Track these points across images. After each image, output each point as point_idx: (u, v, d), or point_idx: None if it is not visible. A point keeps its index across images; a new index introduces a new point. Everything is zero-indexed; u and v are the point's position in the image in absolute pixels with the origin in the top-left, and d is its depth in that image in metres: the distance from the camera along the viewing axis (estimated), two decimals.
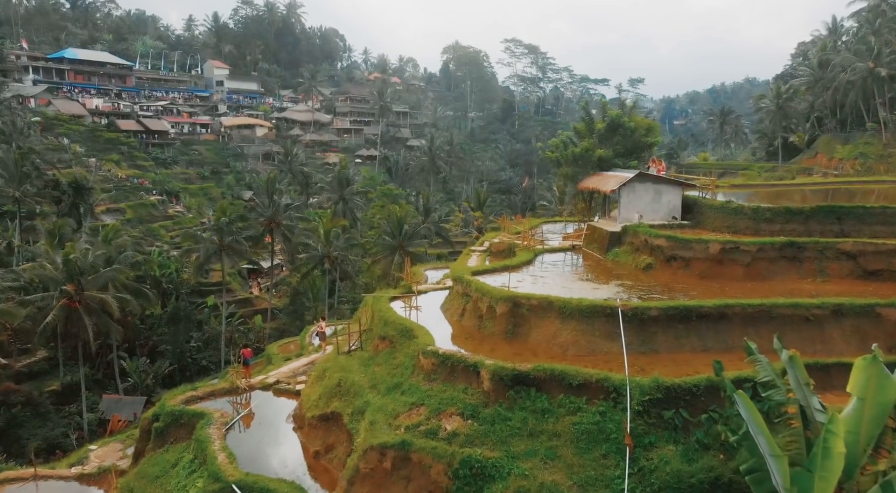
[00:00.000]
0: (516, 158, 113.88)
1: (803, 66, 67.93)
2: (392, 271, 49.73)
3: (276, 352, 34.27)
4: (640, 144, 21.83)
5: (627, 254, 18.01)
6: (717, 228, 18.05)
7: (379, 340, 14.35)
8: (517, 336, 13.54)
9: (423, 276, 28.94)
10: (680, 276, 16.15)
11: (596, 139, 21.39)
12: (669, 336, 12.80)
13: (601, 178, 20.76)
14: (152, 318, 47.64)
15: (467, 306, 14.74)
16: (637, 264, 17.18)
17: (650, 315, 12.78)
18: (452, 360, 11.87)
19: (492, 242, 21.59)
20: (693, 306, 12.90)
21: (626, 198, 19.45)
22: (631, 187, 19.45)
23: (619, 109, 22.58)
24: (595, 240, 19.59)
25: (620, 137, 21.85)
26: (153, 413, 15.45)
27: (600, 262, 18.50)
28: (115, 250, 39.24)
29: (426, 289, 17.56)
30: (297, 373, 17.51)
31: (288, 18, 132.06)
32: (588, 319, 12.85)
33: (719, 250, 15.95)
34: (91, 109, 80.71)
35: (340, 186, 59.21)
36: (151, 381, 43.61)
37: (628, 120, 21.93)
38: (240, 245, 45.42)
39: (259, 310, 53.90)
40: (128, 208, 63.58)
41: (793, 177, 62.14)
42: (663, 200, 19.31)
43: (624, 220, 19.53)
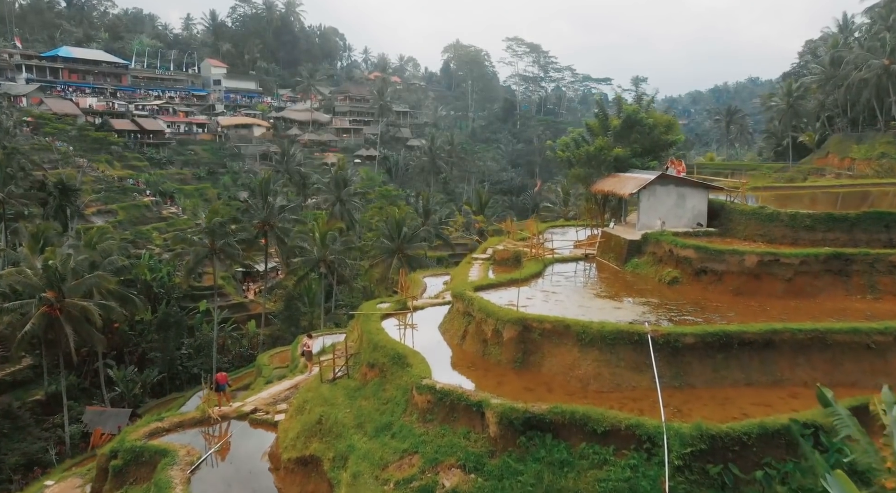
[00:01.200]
0: (518, 158, 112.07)
1: (814, 64, 65.92)
2: (390, 275, 47.93)
3: (266, 362, 32.47)
4: (660, 143, 19.92)
5: (649, 265, 16.09)
6: (749, 237, 16.16)
7: (367, 367, 12.45)
8: (528, 366, 11.68)
9: (422, 284, 27.09)
10: (711, 292, 14.27)
11: (611, 137, 19.52)
12: (707, 368, 10.92)
13: (618, 180, 18.89)
14: (142, 324, 45.86)
15: (469, 328, 12.90)
16: (661, 278, 15.28)
17: (685, 343, 10.90)
18: (452, 397, 9.98)
19: (495, 250, 19.70)
20: (735, 332, 11.00)
21: (647, 202, 17.55)
22: (652, 191, 17.55)
23: (635, 103, 20.56)
24: (611, 249, 17.66)
25: (638, 135, 19.83)
26: (111, 449, 13.59)
27: (618, 274, 16.59)
28: (100, 254, 37.42)
29: (423, 304, 15.65)
30: (277, 400, 15.63)
31: (287, 17, 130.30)
32: (612, 347, 10.97)
33: (757, 263, 14.07)
34: (84, 108, 79.05)
35: (338, 187, 57.37)
36: (140, 390, 41.86)
37: (646, 116, 20.09)
38: (232, 248, 43.58)
39: (253, 315, 52.06)
40: (120, 210, 61.79)
41: (804, 178, 60.29)
42: (687, 204, 17.40)
43: (644, 227, 17.61)
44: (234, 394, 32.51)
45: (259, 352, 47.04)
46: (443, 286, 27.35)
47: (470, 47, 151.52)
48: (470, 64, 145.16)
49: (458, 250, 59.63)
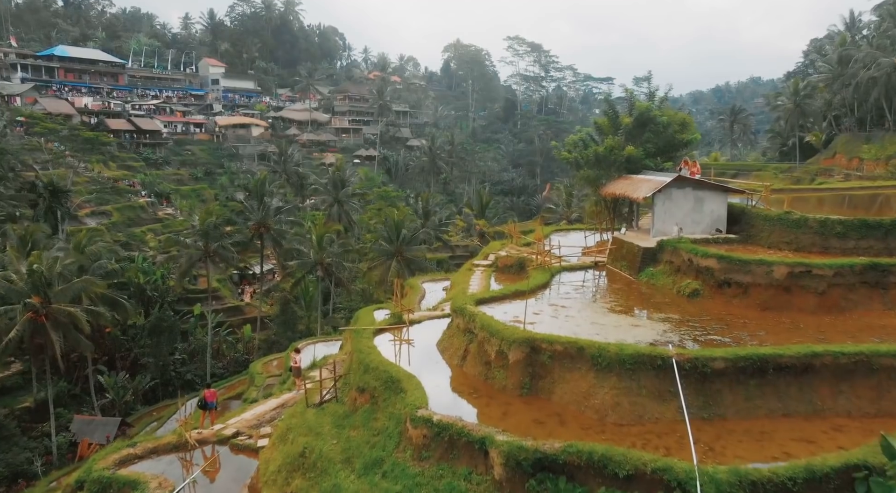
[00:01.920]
0: (519, 158, 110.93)
1: (822, 62, 64.71)
2: (389, 278, 46.74)
3: (259, 370, 31.26)
4: (674, 142, 18.58)
5: (665, 275, 14.84)
6: (774, 245, 14.91)
7: (357, 392, 11.23)
8: (537, 393, 10.43)
9: (421, 290, 25.89)
10: (736, 307, 13.03)
11: (622, 137, 18.31)
12: (739, 396, 9.70)
13: (630, 182, 17.59)
14: (135, 328, 44.71)
15: (470, 347, 11.68)
16: (679, 290, 14.04)
17: (714, 368, 9.68)
18: (451, 432, 8.76)
19: (497, 256, 18.47)
20: (769, 356, 9.77)
21: (662, 207, 16.29)
22: (667, 194, 16.24)
23: (647, 100, 19.22)
24: (624, 257, 16.40)
25: (651, 134, 18.28)
26: (77, 479, 12.40)
27: (632, 285, 15.33)
28: (89, 257, 36.21)
29: (420, 317, 14.39)
30: (261, 421, 14.41)
31: (286, 16, 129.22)
32: (632, 373, 9.74)
33: (786, 275, 12.83)
34: (80, 107, 78.01)
35: (335, 188, 56.17)
36: (131, 397, 40.70)
37: (659, 113, 18.46)
38: (227, 251, 42.41)
39: (249, 318, 50.87)
40: (114, 211, 60.65)
41: (812, 178, 59.07)
42: (705, 209, 16.15)
43: (659, 233, 16.34)
44: (226, 404, 31.42)
45: (254, 357, 45.95)
46: (442, 292, 26.16)
47: (470, 47, 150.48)
48: (470, 63, 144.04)
49: (458, 252, 58.42)
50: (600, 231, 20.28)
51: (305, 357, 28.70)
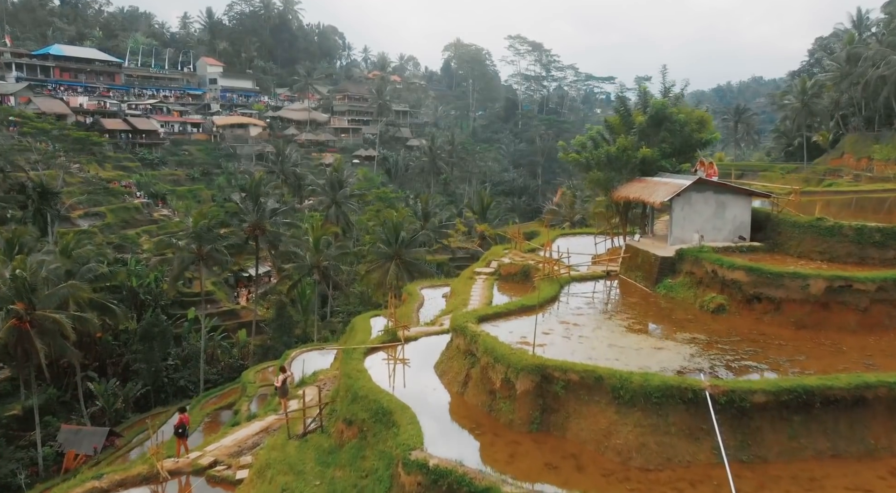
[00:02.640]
0: (520, 158, 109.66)
1: (829, 60, 63.37)
2: (388, 281, 45.51)
3: (251, 379, 30.09)
4: (691, 142, 17.01)
5: (686, 288, 13.56)
6: (805, 254, 13.64)
7: (344, 424, 9.93)
8: (549, 429, 9.13)
9: (419, 297, 24.68)
10: (768, 325, 11.76)
11: (636, 136, 17.10)
12: (782, 435, 8.44)
13: (645, 185, 16.22)
14: (127, 333, 43.53)
15: (472, 372, 10.36)
16: (702, 305, 12.76)
17: (754, 402, 8.40)
18: (450, 480, 7.46)
19: (500, 263, 17.21)
20: (816, 387, 8.49)
21: (681, 212, 14.98)
22: (686, 198, 14.90)
23: (664, 96, 17.84)
24: (639, 266, 15.12)
25: (667, 133, 16.98)
26: None
27: (648, 298, 14.05)
28: (77, 261, 34.97)
29: (417, 334, 13.07)
30: (243, 448, 13.15)
31: (285, 15, 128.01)
32: (659, 407, 8.46)
33: (824, 290, 11.56)
34: (75, 107, 76.91)
35: (333, 189, 54.93)
36: (122, 405, 39.50)
37: (676, 111, 17.22)
38: (221, 254, 41.16)
39: (245, 322, 49.64)
40: (108, 212, 59.46)
41: (820, 179, 57.78)
42: (727, 214, 14.86)
43: (677, 241, 15.05)
44: (217, 414, 30.22)
45: (249, 363, 44.72)
46: (442, 299, 24.93)
47: (471, 46, 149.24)
48: (471, 62, 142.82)
49: (458, 254, 57.16)
50: (611, 236, 18.89)
51: (298, 367, 27.51)
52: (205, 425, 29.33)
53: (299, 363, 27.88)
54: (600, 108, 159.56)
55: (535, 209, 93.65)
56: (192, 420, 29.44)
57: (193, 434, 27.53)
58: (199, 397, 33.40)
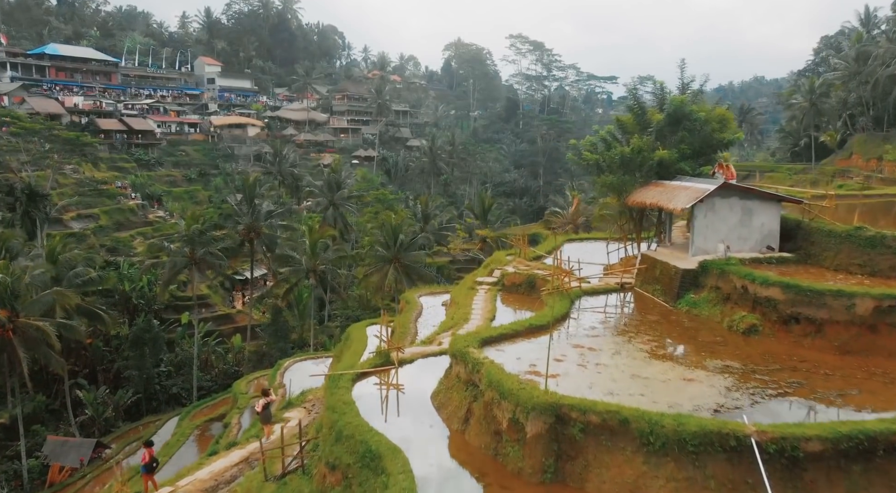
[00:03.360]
0: (521, 158, 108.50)
1: (837, 59, 62.20)
2: (387, 284, 44.36)
3: (243, 390, 28.91)
4: (712, 143, 15.74)
5: (711, 305, 12.30)
6: (842, 267, 12.41)
7: (327, 468, 8.67)
8: (564, 479, 7.79)
9: (417, 305, 23.52)
10: (808, 349, 10.46)
11: (652, 136, 15.74)
12: (840, 489, 7.12)
13: (663, 190, 14.90)
14: (118, 339, 42.40)
15: (475, 407, 9.03)
16: (731, 325, 11.49)
17: (808, 451, 7.14)
18: None
19: (504, 273, 16.02)
20: (879, 432, 7.23)
21: (703, 220, 13.71)
22: (710, 205, 13.57)
23: (682, 93, 16.39)
24: (657, 279, 13.82)
25: (686, 133, 15.58)
26: None
27: (670, 315, 12.75)
28: (64, 266, 33.82)
29: (412, 356, 11.70)
30: (219, 482, 11.97)
31: (283, 14, 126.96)
32: (696, 457, 7.21)
33: (873, 310, 10.32)
34: (70, 107, 75.83)
35: (331, 190, 53.77)
36: (111, 413, 38.35)
37: (697, 109, 15.79)
38: (214, 257, 40.03)
39: (241, 327, 48.51)
40: (102, 214, 58.31)
41: (829, 180, 56.60)
42: (754, 222, 13.63)
43: (700, 251, 13.82)
44: (207, 426, 29.01)
45: (244, 369, 43.56)
46: (442, 308, 23.76)
47: (471, 46, 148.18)
48: (471, 62, 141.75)
49: (459, 256, 56.00)
50: (624, 243, 17.53)
51: (291, 377, 26.33)
52: (196, 436, 28.15)
53: (293, 373, 26.76)
54: (602, 108, 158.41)
55: (536, 210, 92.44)
56: (181, 433, 28.33)
57: (182, 448, 26.44)
58: (189, 407, 32.22)
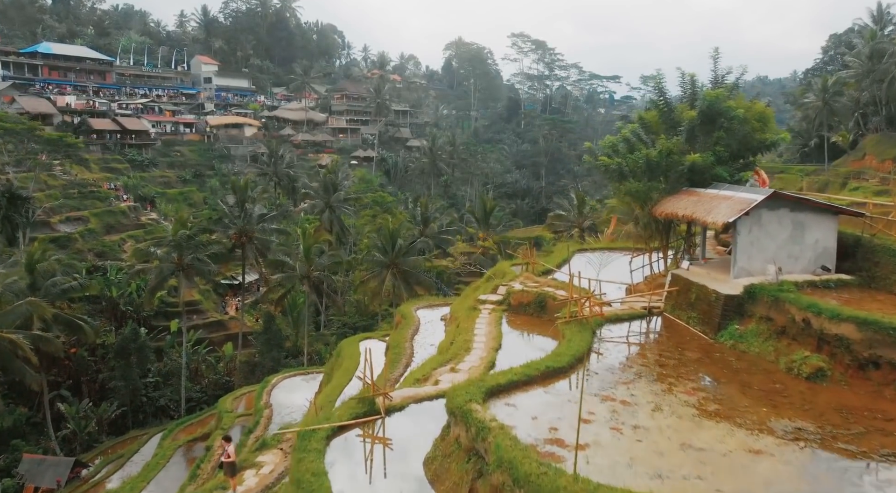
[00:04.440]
0: (523, 159, 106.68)
1: (850, 57, 60.31)
2: (384, 290, 42.53)
3: (228, 408, 27.10)
4: (751, 145, 13.70)
5: (762, 339, 10.21)
6: None
7: None
8: None
9: (414, 320, 21.65)
10: (893, 402, 8.53)
11: (683, 135, 13.62)
12: None
13: (698, 199, 12.82)
14: (104, 348, 40.64)
15: (479, 487, 7.09)
16: (791, 366, 9.34)
17: None
18: None
19: (510, 289, 14.13)
20: None
21: (748, 236, 11.69)
22: (756, 218, 11.60)
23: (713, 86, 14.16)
24: (692, 305, 11.74)
25: (723, 133, 13.40)
26: None
27: (712, 351, 10.68)
28: (42, 275, 31.98)
29: (403, 400, 9.37)
30: None
31: (282, 13, 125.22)
32: None
33: None
34: (62, 107, 74.15)
35: (327, 192, 51.92)
36: (95, 427, 36.59)
37: (734, 105, 13.56)
38: (203, 264, 38.22)
39: (234, 335, 46.68)
40: (91, 216, 56.55)
41: (843, 182, 54.69)
42: (807, 238, 11.58)
43: (743, 272, 11.77)
44: (190, 447, 27.18)
45: (235, 380, 41.77)
46: (441, 323, 21.89)
47: (472, 45, 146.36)
48: (472, 61, 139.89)
49: (461, 271, 53.98)
50: (648, 257, 15.24)
51: (278, 396, 24.50)
52: (179, 457, 26.32)
53: (280, 392, 24.96)
54: (604, 107, 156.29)
55: (538, 212, 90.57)
56: (161, 454, 26.52)
57: (161, 472, 24.60)
58: (173, 425, 30.38)
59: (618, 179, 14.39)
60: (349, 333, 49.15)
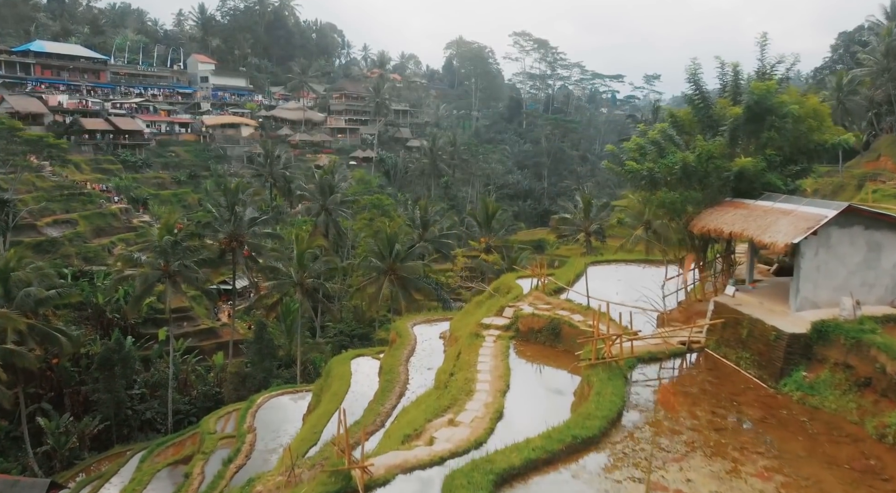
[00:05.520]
0: (525, 159, 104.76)
1: (865, 54, 58.36)
2: (382, 296, 40.65)
3: (211, 429, 25.20)
4: (807, 147, 11.58)
5: (840, 393, 7.87)
6: None
7: None
8: None
9: (411, 337, 19.76)
10: None
11: (726, 136, 11.30)
12: None
13: (747, 213, 10.60)
14: (88, 358, 38.83)
15: None
16: (882, 432, 7.04)
17: None
18: None
19: (519, 313, 12.15)
20: None
21: (814, 259, 9.64)
22: (824, 238, 9.59)
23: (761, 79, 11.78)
24: (743, 342, 9.61)
25: (774, 134, 11.21)
26: None
27: (776, 408, 8.57)
28: (16, 284, 30.14)
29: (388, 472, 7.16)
30: None
31: (280, 11, 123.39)
32: None
33: None
34: (53, 106, 72.40)
35: (323, 194, 50.01)
36: (76, 443, 34.73)
37: (787, 100, 11.42)
38: (190, 271, 36.37)
39: (225, 343, 44.81)
40: (81, 219, 54.76)
41: (859, 184, 52.68)
42: (884, 262, 9.50)
43: (808, 304, 9.66)
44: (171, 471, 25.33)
45: (225, 391, 39.89)
46: (440, 341, 19.99)
47: (473, 44, 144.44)
48: (473, 60, 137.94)
49: (462, 286, 51.96)
50: (684, 274, 12.74)
51: (264, 418, 22.66)
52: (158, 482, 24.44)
53: (266, 413, 23.08)
54: (606, 107, 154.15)
55: (541, 214, 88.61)
56: (139, 479, 24.68)
57: None
58: (153, 445, 28.49)
59: (648, 187, 12.22)
60: (345, 341, 47.28)
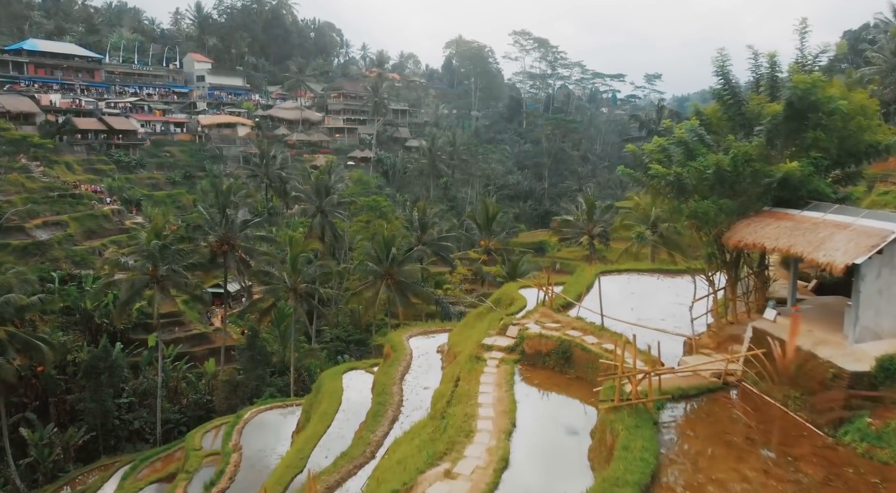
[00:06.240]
0: (525, 159, 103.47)
1: (873, 52, 57.19)
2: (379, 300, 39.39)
3: (196, 445, 23.88)
4: (858, 149, 10.11)
5: None
6: None
7: None
8: None
9: (406, 352, 18.51)
10: None
11: (763, 137, 9.72)
12: None
13: (793, 226, 9.12)
14: (74, 366, 37.50)
15: None
16: None
17: None
18: None
19: (524, 333, 10.82)
20: None
21: (877, 282, 8.14)
22: (889, 256, 8.14)
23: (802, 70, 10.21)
24: (792, 378, 8.16)
25: (820, 133, 9.75)
26: None
27: (834, 459, 7.34)
28: None
29: None
30: None
31: (278, 10, 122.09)
32: None
33: None
34: (45, 105, 71.08)
35: (319, 196, 48.68)
36: (60, 455, 33.42)
37: (835, 95, 9.92)
38: (178, 276, 35.06)
39: (218, 349, 43.48)
40: (71, 221, 53.47)
41: (869, 185, 51.39)
42: None
43: (869, 335, 8.21)
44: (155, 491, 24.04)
45: (216, 399, 38.60)
46: (437, 355, 18.73)
47: (473, 43, 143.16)
48: (473, 60, 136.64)
49: (462, 301, 50.62)
50: (711, 287, 11.05)
51: (250, 435, 21.38)
52: None
53: (253, 430, 21.80)
54: (607, 107, 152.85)
55: (541, 214, 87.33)
56: None
57: None
58: (137, 461, 27.17)
59: (676, 194, 10.42)
60: (341, 346, 45.98)
